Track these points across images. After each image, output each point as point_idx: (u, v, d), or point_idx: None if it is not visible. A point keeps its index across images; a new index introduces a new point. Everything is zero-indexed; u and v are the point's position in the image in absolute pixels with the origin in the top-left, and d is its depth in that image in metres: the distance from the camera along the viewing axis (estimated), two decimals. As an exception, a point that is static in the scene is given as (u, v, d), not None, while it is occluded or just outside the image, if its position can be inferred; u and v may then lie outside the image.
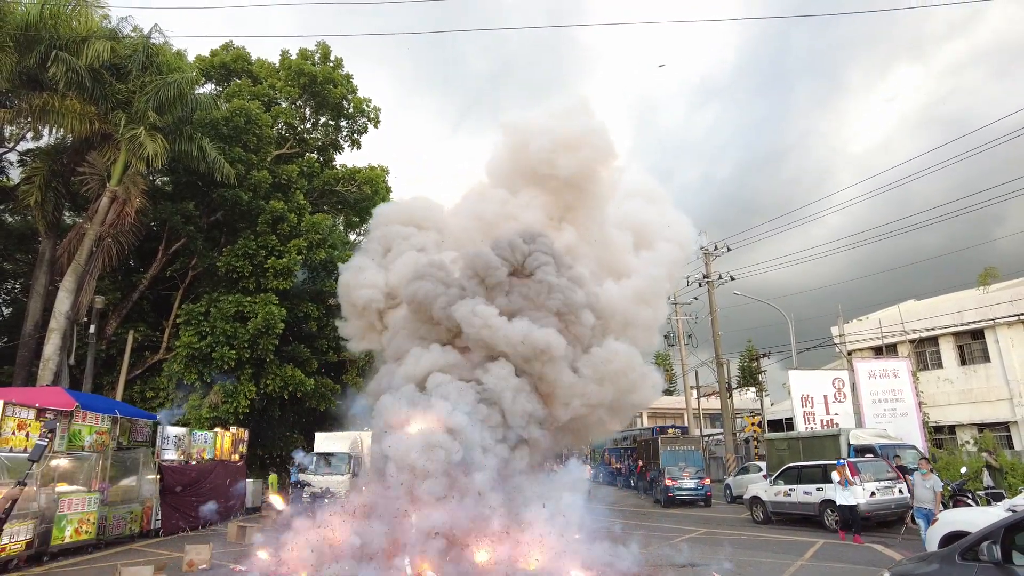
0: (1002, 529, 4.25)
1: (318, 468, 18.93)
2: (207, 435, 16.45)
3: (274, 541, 12.69)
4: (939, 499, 11.00)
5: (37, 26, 16.97)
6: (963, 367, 26.57)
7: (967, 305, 26.00)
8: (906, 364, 24.29)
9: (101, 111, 17.94)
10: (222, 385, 20.25)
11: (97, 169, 18.73)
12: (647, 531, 14.50)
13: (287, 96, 24.73)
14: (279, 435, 23.55)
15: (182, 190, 22.42)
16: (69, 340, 17.97)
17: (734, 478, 24.69)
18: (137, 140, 17.03)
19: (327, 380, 23.45)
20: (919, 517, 11.33)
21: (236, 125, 21.45)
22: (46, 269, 19.46)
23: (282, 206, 21.46)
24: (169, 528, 13.83)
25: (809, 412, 23.66)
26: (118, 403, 14.38)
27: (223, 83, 25.24)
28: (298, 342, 23.05)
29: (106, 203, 18.13)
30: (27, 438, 9.62)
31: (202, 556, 9.88)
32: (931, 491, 11.03)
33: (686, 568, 9.94)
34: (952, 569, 4.49)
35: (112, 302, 21.66)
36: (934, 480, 11.21)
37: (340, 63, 25.55)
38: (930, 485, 11.11)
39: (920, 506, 11.34)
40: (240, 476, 17.89)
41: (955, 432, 25.93)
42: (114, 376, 21.12)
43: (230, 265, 20.91)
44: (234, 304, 20.38)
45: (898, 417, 23.12)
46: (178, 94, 18.31)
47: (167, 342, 22.22)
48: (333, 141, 26.29)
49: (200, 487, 14.95)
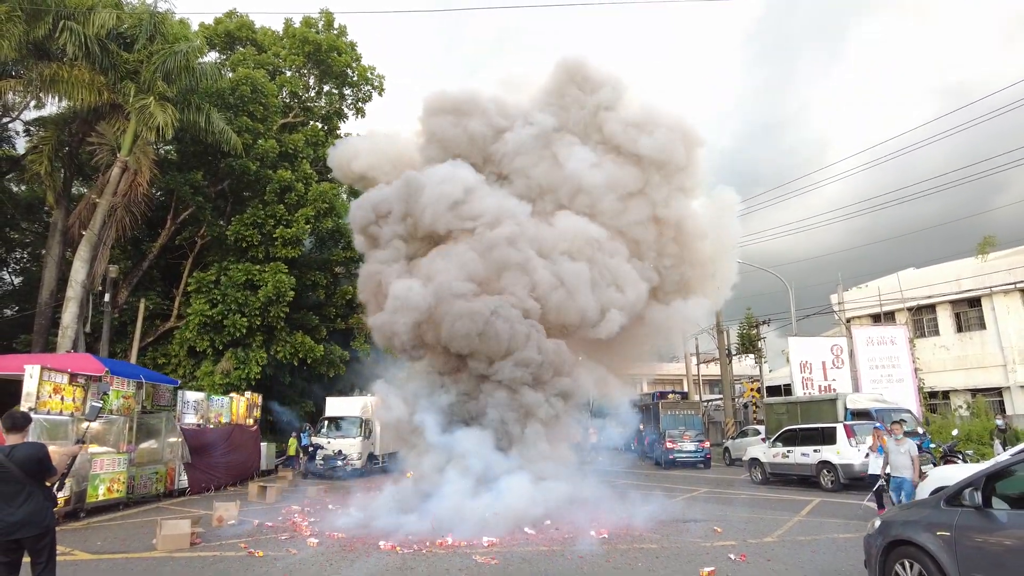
0: (983, 477, 4.67)
1: (330, 432, 19.53)
2: (223, 400, 16.96)
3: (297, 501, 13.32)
4: (918, 464, 9.77)
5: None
6: (959, 334, 27.08)
7: (965, 274, 26.40)
8: (903, 331, 24.80)
9: (110, 81, 18.03)
10: (234, 352, 20.74)
11: (106, 139, 18.88)
12: (647, 491, 15.10)
13: (291, 65, 24.71)
14: (290, 400, 24.12)
15: (189, 160, 22.58)
16: (85, 308, 18.35)
17: (733, 441, 25.39)
18: (147, 110, 17.15)
19: (336, 347, 23.92)
20: (893, 488, 9.93)
21: (242, 94, 21.52)
22: (59, 239, 19.75)
23: (289, 176, 21.66)
24: (193, 488, 14.41)
25: (807, 378, 24.25)
26: (142, 369, 14.86)
27: (227, 51, 25.16)
28: (307, 310, 23.45)
29: (117, 173, 18.32)
30: (62, 401, 10.08)
31: (230, 512, 10.41)
32: (907, 456, 9.73)
33: (688, 523, 10.48)
34: (938, 514, 4.92)
35: (123, 271, 22.03)
36: (909, 444, 9.88)
37: (344, 31, 25.45)
38: (906, 450, 9.79)
39: (896, 474, 9.88)
40: (255, 439, 18.46)
41: (949, 397, 26.55)
42: (126, 344, 21.59)
43: (239, 234, 21.21)
44: (244, 272, 20.73)
45: (894, 383, 23.71)
46: (185, 64, 18.38)
47: (178, 310, 22.64)
48: (338, 110, 26.32)
49: (219, 449, 15.50)
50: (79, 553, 8.12)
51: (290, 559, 7.83)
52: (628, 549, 8.39)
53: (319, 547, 8.50)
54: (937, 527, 4.83)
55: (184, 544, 8.31)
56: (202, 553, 8.14)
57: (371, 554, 8.11)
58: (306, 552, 8.21)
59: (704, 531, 9.71)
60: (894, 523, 5.35)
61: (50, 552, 4.65)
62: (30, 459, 4.52)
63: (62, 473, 4.88)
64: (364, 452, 19.29)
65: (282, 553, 8.13)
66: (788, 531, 9.86)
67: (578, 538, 9.09)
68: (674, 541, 8.92)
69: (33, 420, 5.25)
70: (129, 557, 8.01)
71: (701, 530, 9.81)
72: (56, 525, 4.88)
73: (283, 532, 9.64)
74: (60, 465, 4.86)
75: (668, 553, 8.13)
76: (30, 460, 4.51)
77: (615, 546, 8.58)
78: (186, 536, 8.37)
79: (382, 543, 8.60)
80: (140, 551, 8.29)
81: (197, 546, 8.49)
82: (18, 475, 4.44)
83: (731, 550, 8.20)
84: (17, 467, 4.44)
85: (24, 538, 4.51)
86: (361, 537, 9.16)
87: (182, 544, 8.30)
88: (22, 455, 4.51)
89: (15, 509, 4.43)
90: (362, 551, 8.29)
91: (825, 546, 8.62)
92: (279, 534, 9.48)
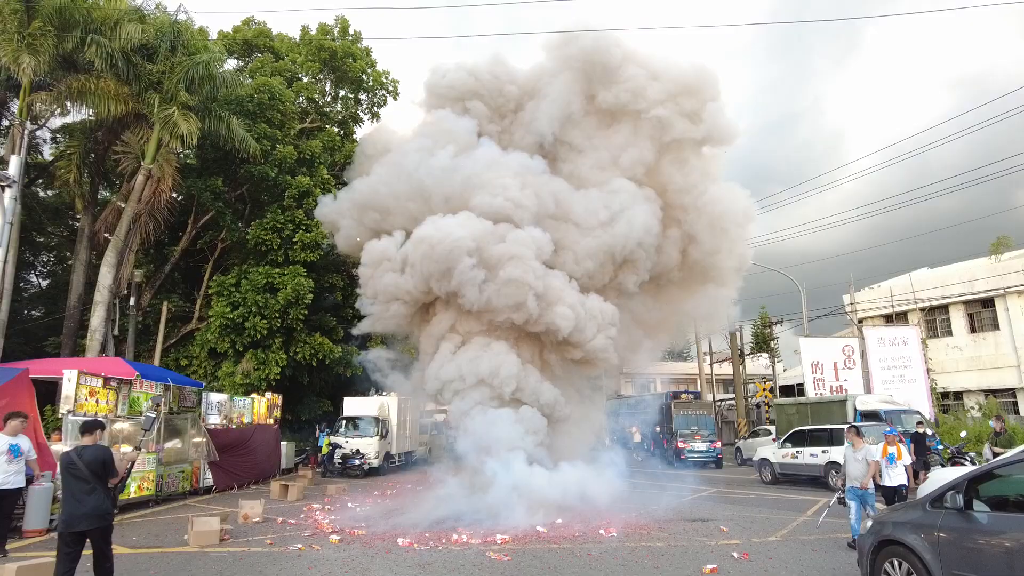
0: (966, 481, 4.97)
1: (348, 431, 20.02)
2: (245, 401, 17.50)
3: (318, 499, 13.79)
4: (873, 470, 8.72)
5: (71, 9, 17.53)
6: (972, 335, 27.08)
7: (978, 274, 26.39)
8: (916, 332, 24.86)
9: (134, 92, 18.59)
10: (254, 353, 21.29)
11: (131, 148, 19.48)
12: (658, 490, 15.42)
13: (308, 71, 25.21)
14: (308, 400, 24.67)
15: (209, 165, 23.14)
16: (112, 312, 18.98)
17: (744, 441, 25.60)
18: (171, 120, 17.70)
19: (353, 348, 24.42)
20: (851, 498, 8.79)
21: (260, 102, 22.03)
22: (86, 244, 20.40)
23: (308, 181, 22.15)
24: (218, 486, 14.94)
25: (819, 378, 24.42)
26: (169, 372, 15.43)
27: (245, 58, 25.74)
28: (324, 311, 23.96)
29: (141, 181, 18.90)
30: (96, 404, 10.61)
31: (255, 510, 10.90)
32: (863, 463, 8.67)
33: (696, 522, 10.80)
34: (924, 515, 5.23)
35: (147, 275, 22.69)
36: (866, 450, 8.81)
37: (359, 37, 25.90)
38: (862, 456, 8.73)
39: (852, 484, 8.77)
40: (276, 439, 18.99)
41: (962, 398, 26.56)
42: (150, 345, 22.24)
43: (259, 238, 21.74)
44: (264, 276, 21.24)
45: (906, 384, 23.79)
46: (207, 74, 18.91)
47: (199, 312, 23.25)
48: (353, 114, 26.80)
49: (241, 449, 16.02)
50: (118, 547, 8.58)
51: (314, 555, 8.27)
52: (636, 547, 8.74)
53: (340, 544, 8.94)
54: (922, 528, 5.14)
55: (214, 540, 8.78)
56: (232, 548, 8.60)
57: (391, 550, 8.53)
58: (328, 549, 8.65)
59: (711, 530, 10.05)
60: (884, 523, 5.67)
61: (107, 544, 5.29)
62: (96, 460, 5.26)
63: (122, 475, 5.56)
64: (381, 451, 19.77)
65: (306, 549, 8.57)
66: (792, 530, 10.15)
67: (588, 536, 9.47)
68: (681, 539, 9.26)
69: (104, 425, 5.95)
70: (164, 551, 8.49)
71: (708, 529, 10.14)
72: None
73: (305, 529, 10.10)
74: (121, 468, 5.60)
75: (674, 551, 8.47)
76: (96, 461, 5.25)
77: (624, 544, 8.94)
78: (216, 532, 8.84)
79: (400, 540, 9.03)
80: (173, 546, 8.78)
81: (226, 542, 8.95)
82: (86, 473, 5.17)
83: (735, 548, 8.53)
84: (85, 466, 5.17)
85: (87, 530, 5.18)
86: (380, 534, 9.60)
87: (212, 540, 8.77)
88: (90, 456, 5.25)
89: (82, 503, 5.14)
90: (381, 548, 8.71)
91: (827, 546, 8.91)
92: (302, 531, 9.94)
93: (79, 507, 5.13)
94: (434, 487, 13.72)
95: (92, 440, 5.46)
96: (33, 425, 9.76)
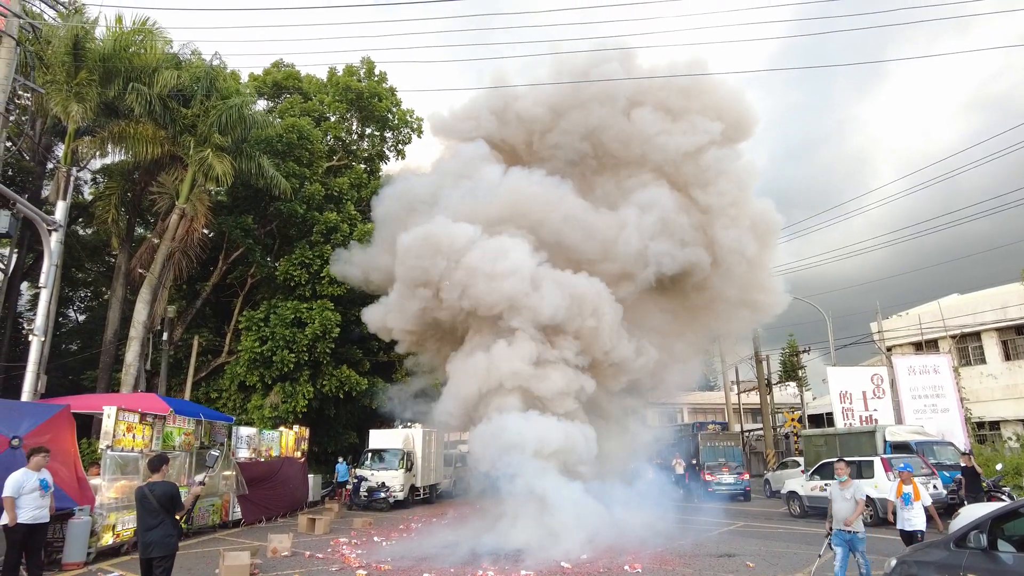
0: (989, 520, 4.97)
1: (374, 464, 20.18)
2: (273, 434, 17.79)
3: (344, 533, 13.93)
4: (860, 509, 7.85)
5: (113, 58, 18.46)
6: (1007, 362, 26.45)
7: (1010, 300, 25.88)
8: (947, 360, 24.36)
9: (170, 134, 19.40)
10: (282, 386, 21.67)
11: (166, 188, 20.26)
12: (685, 524, 15.26)
13: (335, 111, 26.03)
14: (334, 432, 24.93)
15: (240, 203, 23.88)
16: (146, 347, 19.54)
17: (773, 473, 25.15)
18: (206, 162, 18.41)
19: (379, 379, 24.70)
20: (837, 543, 7.94)
21: (290, 141, 22.78)
22: (122, 281, 21.11)
23: (335, 217, 22.72)
24: (246, 519, 15.17)
25: (848, 408, 24.00)
26: (201, 407, 15.81)
27: (275, 99, 26.68)
28: (351, 344, 24.33)
29: (175, 219, 19.60)
30: (133, 439, 10.97)
31: (284, 544, 11.08)
32: (851, 502, 7.86)
33: (723, 558, 10.71)
34: (947, 555, 5.22)
35: (179, 310, 23.34)
36: (854, 488, 8.00)
37: (384, 77, 26.72)
38: (851, 495, 7.92)
39: (840, 527, 7.90)
40: (303, 471, 19.21)
41: (999, 428, 25.87)
42: (181, 379, 22.78)
43: (288, 273, 22.28)
44: (292, 310, 21.72)
45: (939, 413, 23.25)
46: (239, 117, 19.67)
47: (228, 346, 23.79)
48: (379, 152, 27.53)
49: (270, 482, 16.26)
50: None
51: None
52: (661, 584, 8.72)
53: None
54: (947, 569, 5.13)
55: (245, 574, 8.96)
56: (261, 583, 8.77)
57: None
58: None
59: (737, 565, 9.96)
60: (908, 563, 5.65)
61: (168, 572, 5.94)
62: (166, 495, 5.94)
63: (187, 509, 6.33)
64: (407, 484, 19.87)
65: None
66: (820, 567, 10.01)
67: (613, 572, 9.45)
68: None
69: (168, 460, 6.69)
70: (196, 586, 8.69)
71: (734, 565, 10.05)
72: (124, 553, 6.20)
73: (333, 564, 10.23)
74: (186, 503, 6.40)
75: (700, 588, 8.43)
76: (165, 495, 5.93)
77: (649, 580, 8.92)
78: (246, 567, 9.02)
79: (426, 575, 9.12)
80: (205, 580, 8.98)
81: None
82: (156, 507, 5.84)
83: (762, 586, 8.46)
84: (156, 500, 5.85)
85: (153, 557, 5.83)
86: (406, 568, 9.69)
87: (243, 574, 8.95)
88: (160, 491, 5.94)
89: (151, 532, 5.84)
90: (408, 583, 8.81)
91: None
92: (329, 565, 10.08)
93: (149, 536, 5.85)
94: (459, 521, 13.79)
95: (160, 476, 6.17)
96: (73, 460, 10.12)
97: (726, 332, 18.81)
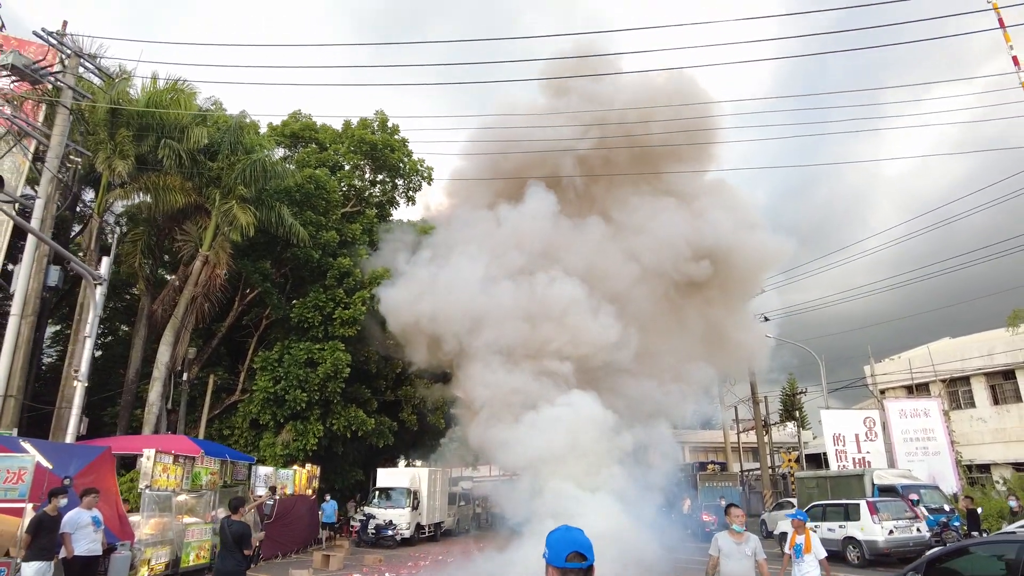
0: (925, 562, 5.85)
1: (381, 502, 20.89)
2: (288, 472, 18.60)
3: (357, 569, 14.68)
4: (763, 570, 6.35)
5: (146, 116, 19.82)
6: (996, 406, 27.23)
7: (997, 346, 26.78)
8: (937, 404, 25.20)
9: (196, 186, 20.67)
10: (294, 424, 22.50)
11: (191, 236, 21.43)
12: (682, 564, 15.94)
13: (349, 160, 27.41)
14: (341, 470, 25.63)
15: (258, 248, 25.03)
16: (167, 387, 20.46)
17: (769, 513, 25.72)
18: (231, 213, 19.60)
19: (385, 418, 25.50)
20: None
21: (307, 191, 24.05)
22: (145, 323, 22.13)
23: (348, 262, 23.84)
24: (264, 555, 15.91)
25: (841, 450, 24.75)
26: (227, 448, 16.69)
27: (292, 149, 28.08)
28: (359, 383, 25.20)
29: (199, 266, 20.72)
30: (167, 479, 11.86)
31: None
32: (751, 560, 6.28)
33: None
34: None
35: (196, 348, 24.29)
36: (754, 544, 6.42)
37: (396, 129, 28.19)
38: (751, 551, 6.34)
39: None
40: (313, 509, 19.94)
41: (989, 471, 26.51)
42: (195, 416, 23.61)
43: (302, 316, 23.29)
44: (305, 351, 22.66)
45: (930, 456, 24.01)
46: (261, 169, 20.94)
47: (242, 384, 24.68)
48: (391, 198, 28.86)
49: (285, 519, 17.02)
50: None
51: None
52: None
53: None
54: (893, 604, 5.99)
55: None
56: (289, 615, 9.57)
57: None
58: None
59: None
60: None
61: None
62: (238, 533, 7.11)
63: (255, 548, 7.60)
64: (413, 522, 20.55)
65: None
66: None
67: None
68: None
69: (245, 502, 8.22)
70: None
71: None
72: None
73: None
74: (253, 543, 7.79)
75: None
76: (237, 533, 7.10)
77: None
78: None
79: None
80: (237, 612, 9.77)
81: (283, 609, 9.93)
82: (230, 542, 7.05)
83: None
84: (231, 536, 7.05)
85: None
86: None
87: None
88: (235, 529, 7.13)
89: (225, 562, 7.07)
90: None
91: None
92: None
93: (222, 564, 7.13)
94: (466, 559, 14.53)
95: (239, 516, 7.34)
96: (115, 497, 11.00)
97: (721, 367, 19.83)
